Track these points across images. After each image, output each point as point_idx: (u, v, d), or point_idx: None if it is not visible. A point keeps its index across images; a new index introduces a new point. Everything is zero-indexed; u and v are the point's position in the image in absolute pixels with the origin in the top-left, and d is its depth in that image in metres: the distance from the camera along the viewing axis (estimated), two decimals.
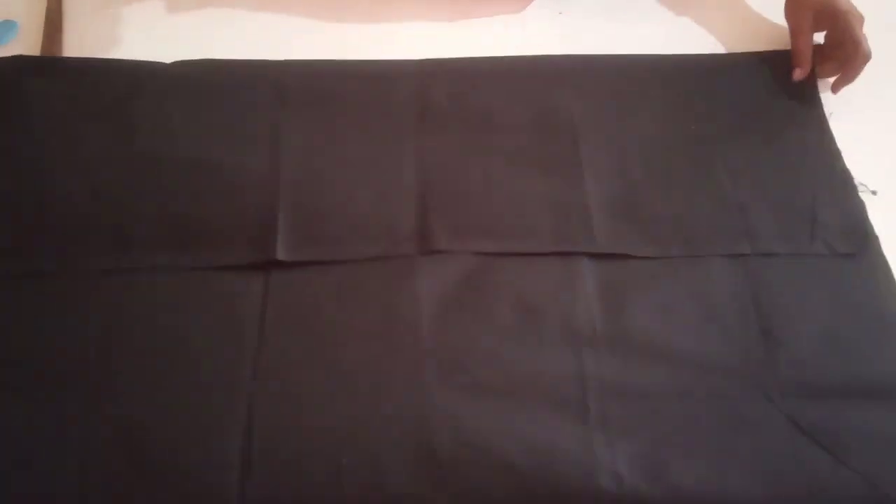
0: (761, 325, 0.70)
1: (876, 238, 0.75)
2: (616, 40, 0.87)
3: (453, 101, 0.81)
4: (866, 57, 0.80)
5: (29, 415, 0.63)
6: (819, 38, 0.86)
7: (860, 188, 0.78)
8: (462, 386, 0.66)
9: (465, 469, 0.63)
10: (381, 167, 0.77)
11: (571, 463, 0.63)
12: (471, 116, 0.80)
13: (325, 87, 0.81)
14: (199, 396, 0.65)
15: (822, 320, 0.71)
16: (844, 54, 0.81)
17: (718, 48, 0.88)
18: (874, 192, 0.79)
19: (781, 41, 0.87)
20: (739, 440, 0.65)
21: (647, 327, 0.70)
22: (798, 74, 0.83)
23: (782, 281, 0.73)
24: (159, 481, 0.61)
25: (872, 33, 0.81)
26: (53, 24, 0.87)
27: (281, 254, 0.71)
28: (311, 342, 0.68)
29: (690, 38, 0.89)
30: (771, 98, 0.84)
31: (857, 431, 0.66)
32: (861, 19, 0.81)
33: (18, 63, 0.82)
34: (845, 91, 0.84)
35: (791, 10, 0.86)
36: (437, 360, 0.67)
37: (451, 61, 0.84)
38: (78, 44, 0.86)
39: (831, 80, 0.84)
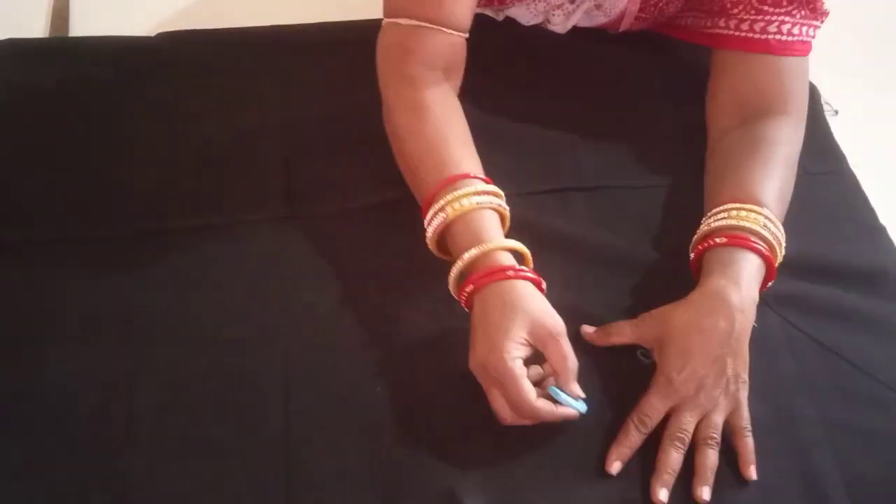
0: None
1: (843, 157, 0.81)
2: None
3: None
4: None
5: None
6: None
7: (825, 108, 0.83)
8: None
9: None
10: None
11: None
12: None
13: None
14: (233, 349, 0.68)
15: (799, 232, 0.74)
16: None
17: None
18: (836, 112, 0.84)
19: None
20: None
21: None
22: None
23: None
24: (209, 428, 0.64)
25: None
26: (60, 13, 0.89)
27: (296, 209, 0.75)
28: (330, 289, 0.71)
29: None
30: None
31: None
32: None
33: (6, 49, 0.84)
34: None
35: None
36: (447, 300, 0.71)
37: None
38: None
39: None
